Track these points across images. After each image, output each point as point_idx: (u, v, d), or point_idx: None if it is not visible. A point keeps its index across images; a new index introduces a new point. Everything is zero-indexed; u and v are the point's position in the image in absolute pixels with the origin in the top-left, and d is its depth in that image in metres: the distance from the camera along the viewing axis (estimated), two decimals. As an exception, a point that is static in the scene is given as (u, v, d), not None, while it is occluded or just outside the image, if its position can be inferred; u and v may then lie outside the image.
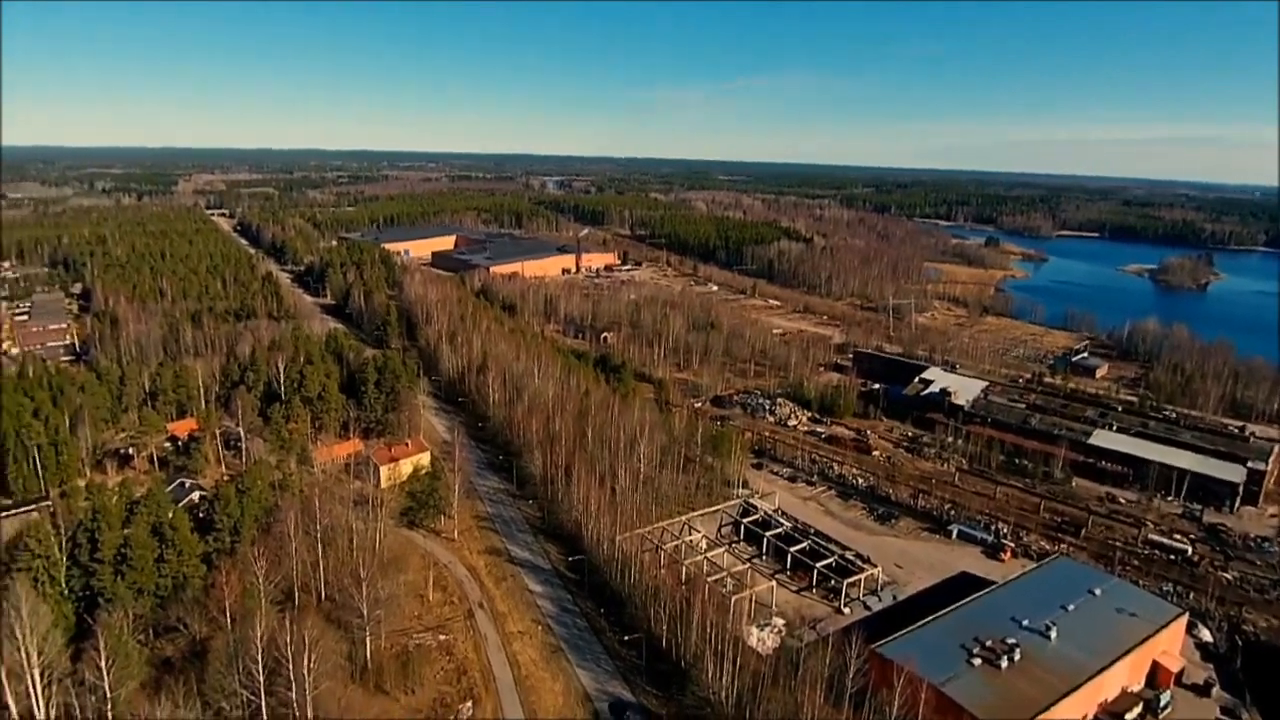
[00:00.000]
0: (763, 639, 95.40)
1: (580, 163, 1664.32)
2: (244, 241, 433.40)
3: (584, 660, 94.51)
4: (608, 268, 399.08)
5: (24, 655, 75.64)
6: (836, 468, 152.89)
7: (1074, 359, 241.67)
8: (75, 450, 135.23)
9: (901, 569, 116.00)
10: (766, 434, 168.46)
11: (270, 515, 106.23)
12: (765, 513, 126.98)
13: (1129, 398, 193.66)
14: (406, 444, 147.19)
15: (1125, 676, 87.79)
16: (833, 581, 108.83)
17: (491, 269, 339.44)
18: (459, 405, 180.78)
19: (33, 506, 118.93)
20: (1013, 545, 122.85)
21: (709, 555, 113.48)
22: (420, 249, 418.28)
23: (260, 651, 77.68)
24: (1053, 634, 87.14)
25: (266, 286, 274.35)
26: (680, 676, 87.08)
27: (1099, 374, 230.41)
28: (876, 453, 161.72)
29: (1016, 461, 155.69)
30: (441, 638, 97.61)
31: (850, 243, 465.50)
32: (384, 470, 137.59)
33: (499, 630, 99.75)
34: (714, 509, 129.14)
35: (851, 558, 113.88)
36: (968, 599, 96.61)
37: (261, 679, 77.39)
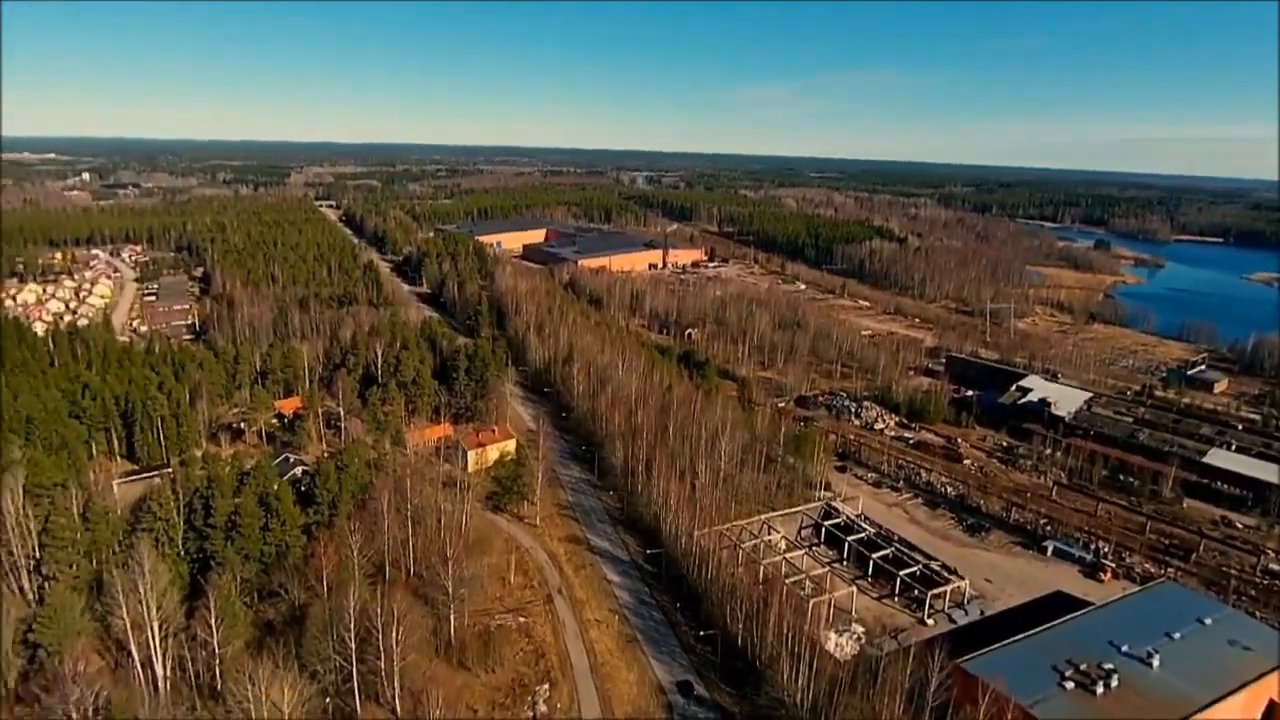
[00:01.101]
0: (841, 644, 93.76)
1: (670, 158, 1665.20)
2: (348, 231, 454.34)
3: (659, 653, 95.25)
4: (694, 264, 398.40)
5: (145, 609, 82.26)
6: (924, 475, 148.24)
7: (1190, 372, 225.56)
8: (194, 422, 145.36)
9: (991, 583, 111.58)
10: (851, 437, 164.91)
11: (365, 492, 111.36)
12: (848, 517, 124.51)
13: (1251, 416, 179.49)
14: (493, 430, 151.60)
15: (1237, 713, 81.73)
16: (916, 591, 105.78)
17: (580, 262, 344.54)
18: (544, 395, 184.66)
19: (156, 473, 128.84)
20: (1114, 566, 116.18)
21: (788, 556, 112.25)
22: (512, 241, 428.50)
23: (353, 621, 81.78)
24: (1155, 662, 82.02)
25: (368, 275, 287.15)
26: (755, 676, 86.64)
27: (1217, 389, 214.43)
28: (967, 461, 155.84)
29: (1121, 478, 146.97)
30: (521, 620, 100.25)
31: (947, 243, 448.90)
32: (472, 455, 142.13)
33: (577, 617, 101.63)
34: (794, 510, 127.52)
35: (937, 568, 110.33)
36: (1062, 619, 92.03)
37: (353, 647, 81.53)
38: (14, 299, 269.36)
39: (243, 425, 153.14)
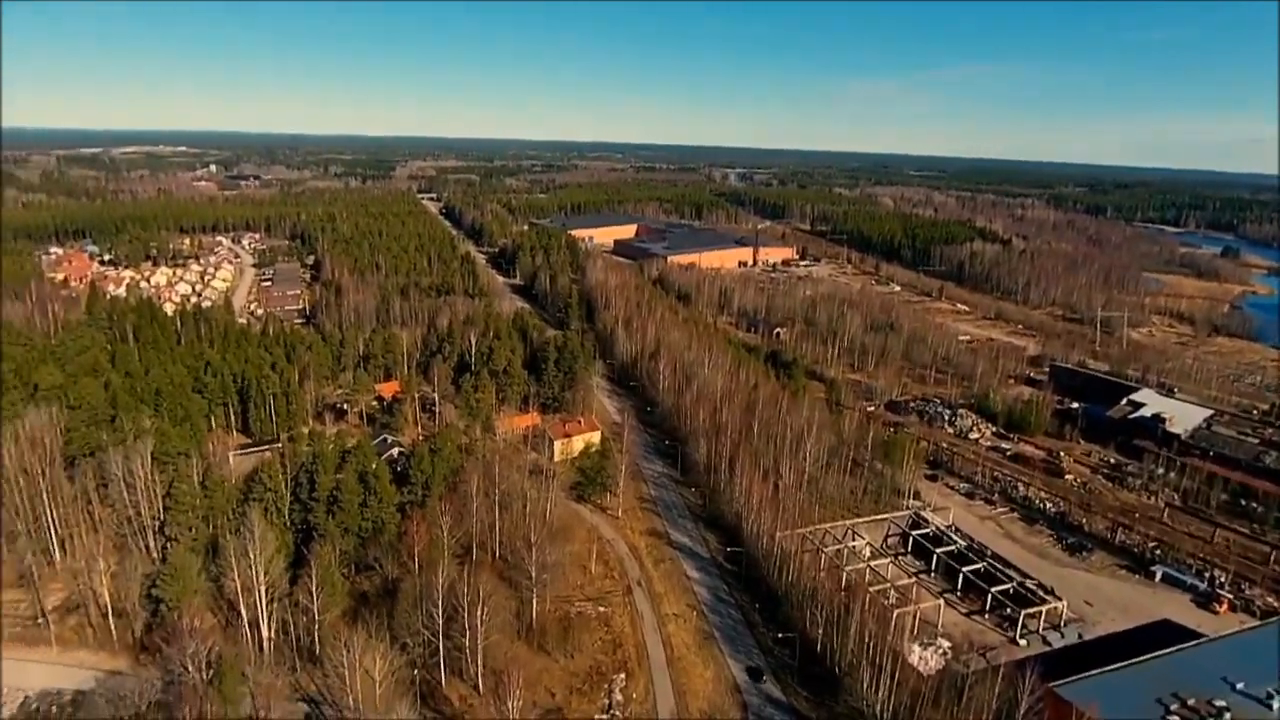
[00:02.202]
0: (925, 658, 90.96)
1: (763, 155, 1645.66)
2: (447, 223, 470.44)
3: (736, 651, 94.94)
4: (785, 262, 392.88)
5: (254, 573, 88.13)
6: (1022, 489, 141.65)
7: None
8: (302, 401, 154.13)
9: (1091, 607, 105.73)
10: (944, 445, 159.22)
11: (456, 475, 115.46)
12: (937, 527, 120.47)
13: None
14: (579, 422, 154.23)
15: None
16: (1008, 609, 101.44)
17: (669, 258, 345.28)
18: (630, 389, 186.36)
19: (267, 447, 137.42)
20: (1231, 597, 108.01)
21: (872, 564, 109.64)
22: (603, 236, 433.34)
23: (441, 598, 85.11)
24: (1275, 705, 76.00)
25: (464, 266, 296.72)
26: (833, 683, 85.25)
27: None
28: (1070, 477, 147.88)
29: (1243, 503, 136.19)
30: (601, 609, 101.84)
31: (1055, 246, 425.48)
32: (558, 445, 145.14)
33: (655, 610, 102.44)
34: (881, 517, 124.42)
35: (1032, 587, 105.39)
36: (1169, 649, 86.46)
37: (440, 623, 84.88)
38: (148, 280, 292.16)
39: (345, 406, 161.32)
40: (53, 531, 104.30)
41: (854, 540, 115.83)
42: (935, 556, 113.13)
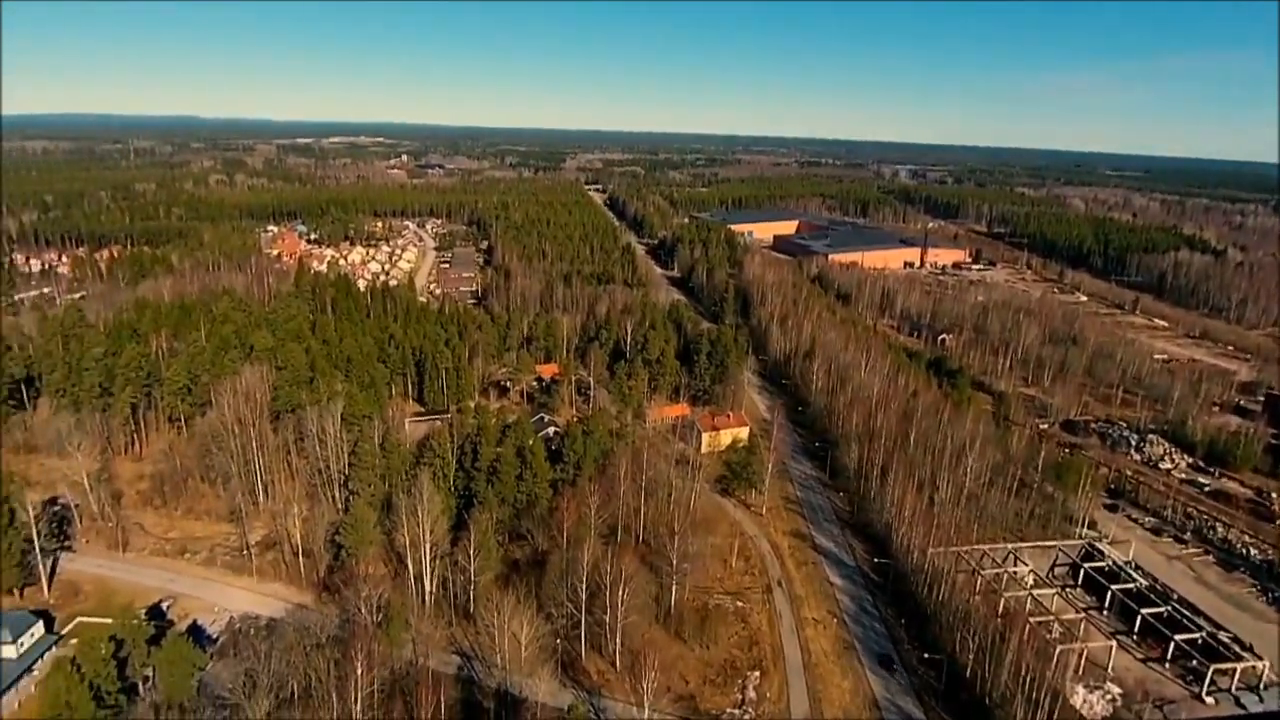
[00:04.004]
0: (1090, 702, 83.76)
1: (938, 151, 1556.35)
2: (611, 215, 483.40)
3: (876, 665, 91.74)
4: (956, 265, 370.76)
5: (421, 531, 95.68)
6: (1221, 530, 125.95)
7: None
8: (470, 376, 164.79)
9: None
10: (1128, 473, 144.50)
11: (606, 458, 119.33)
12: (1115, 562, 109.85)
13: None
14: (728, 416, 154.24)
15: None
16: (1195, 662, 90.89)
17: (830, 256, 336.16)
18: (781, 387, 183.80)
19: (437, 416, 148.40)
20: None
21: (1035, 593, 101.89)
22: (763, 231, 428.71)
23: (585, 574, 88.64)
24: None
25: (625, 256, 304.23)
26: (983, 713, 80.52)
27: None
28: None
29: None
30: (739, 604, 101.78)
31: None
32: (705, 437, 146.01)
33: (794, 612, 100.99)
34: (1048, 544, 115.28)
35: (1226, 640, 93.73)
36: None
37: (583, 597, 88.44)
38: (345, 258, 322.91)
39: (508, 384, 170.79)
40: (259, 476, 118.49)
41: (1015, 566, 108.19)
42: (1110, 593, 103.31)
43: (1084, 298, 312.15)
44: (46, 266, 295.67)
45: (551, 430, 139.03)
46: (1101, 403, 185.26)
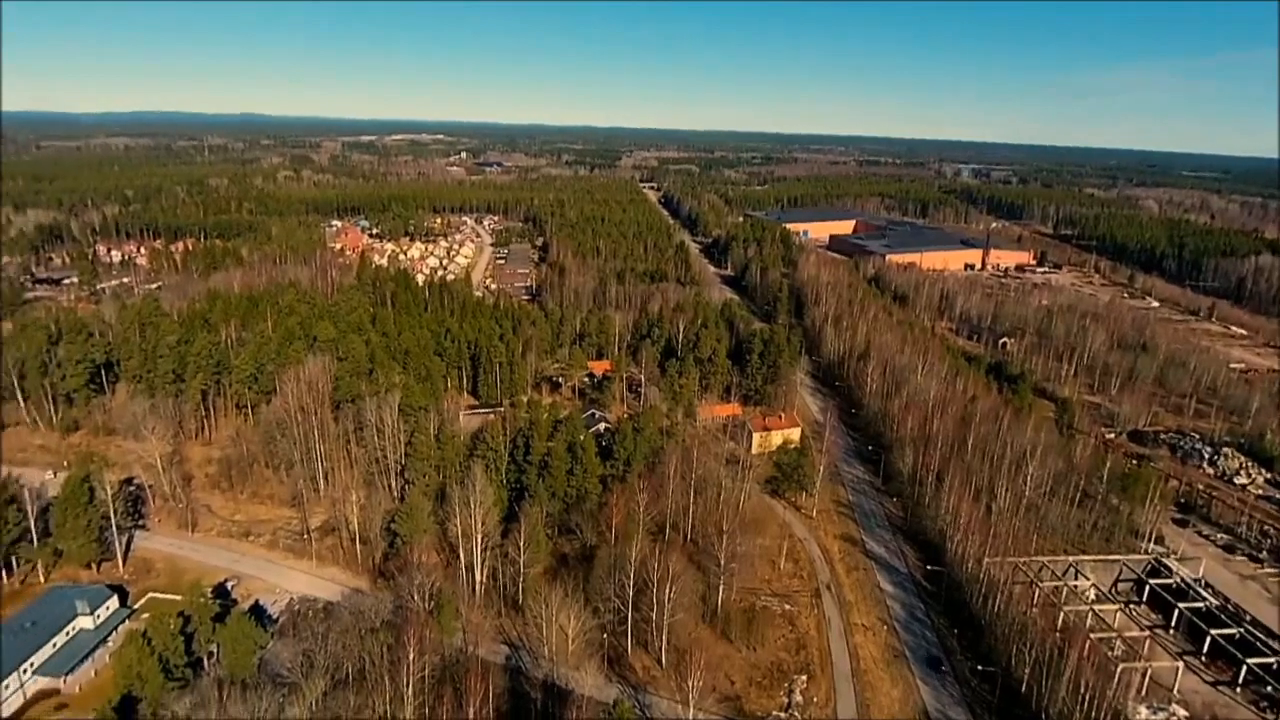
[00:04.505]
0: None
1: (1003, 150, 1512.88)
2: (665, 212, 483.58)
3: (928, 674, 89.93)
4: (1019, 267, 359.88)
5: (473, 521, 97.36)
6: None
7: None
8: (523, 371, 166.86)
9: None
10: (1200, 487, 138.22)
11: (656, 456, 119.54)
12: (1183, 579, 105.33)
13: None
14: (780, 416, 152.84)
15: None
16: (1270, 688, 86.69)
17: (887, 257, 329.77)
18: (834, 388, 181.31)
19: (491, 410, 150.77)
20: None
21: (1097, 608, 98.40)
22: (819, 231, 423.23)
23: (633, 570, 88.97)
24: None
25: (678, 254, 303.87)
26: (1038, 729, 78.11)
27: None
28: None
29: None
30: (787, 607, 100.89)
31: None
32: (756, 437, 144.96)
33: (843, 618, 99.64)
34: (1112, 558, 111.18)
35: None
36: None
37: (630, 594, 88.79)
38: (405, 253, 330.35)
39: (560, 379, 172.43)
40: (319, 463, 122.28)
41: (1076, 579, 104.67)
42: (1177, 612, 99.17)
43: (1155, 303, 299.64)
44: (126, 257, 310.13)
45: (602, 426, 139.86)
46: (1173, 413, 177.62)
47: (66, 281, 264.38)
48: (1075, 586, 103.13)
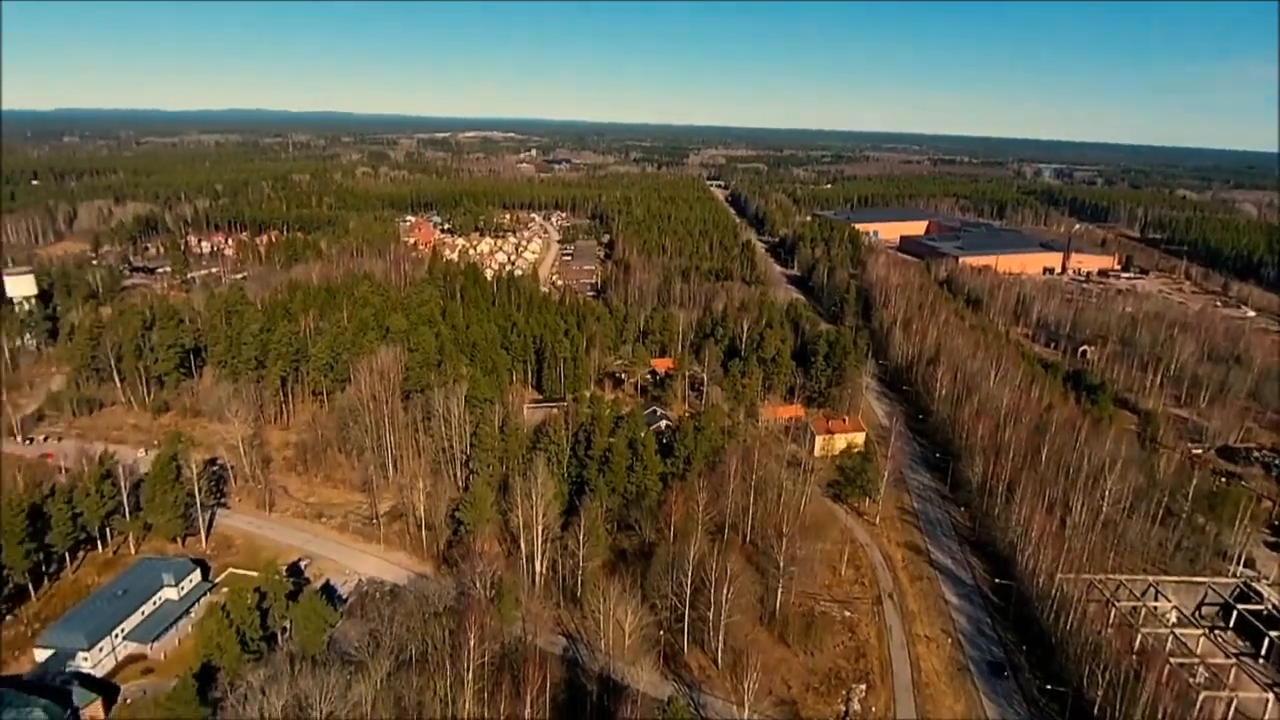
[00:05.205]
0: (1238, 756, 76.19)
1: (1089, 149, 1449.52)
2: (732, 211, 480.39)
3: (992, 692, 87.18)
4: (1102, 272, 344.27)
5: (534, 513, 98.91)
6: None
7: None
8: (587, 366, 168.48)
9: None
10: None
11: (717, 455, 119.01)
12: (1275, 605, 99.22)
13: None
14: (844, 420, 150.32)
15: None
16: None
17: (961, 259, 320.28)
18: (901, 393, 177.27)
19: (554, 404, 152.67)
20: None
21: (1178, 631, 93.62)
22: (889, 231, 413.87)
23: (691, 569, 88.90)
24: None
25: (744, 253, 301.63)
26: (1110, 754, 74.88)
27: None
28: None
29: None
30: (847, 614, 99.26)
31: None
32: (819, 440, 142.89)
33: (905, 628, 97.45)
34: (1196, 580, 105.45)
35: None
36: None
37: (688, 592, 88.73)
38: (474, 248, 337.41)
39: (623, 376, 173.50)
40: (389, 450, 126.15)
41: (1156, 600, 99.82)
42: (1268, 640, 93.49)
43: (1252, 313, 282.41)
44: (215, 248, 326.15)
45: (663, 424, 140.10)
46: (1268, 430, 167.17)
47: (160, 270, 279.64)
48: (1155, 608, 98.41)
